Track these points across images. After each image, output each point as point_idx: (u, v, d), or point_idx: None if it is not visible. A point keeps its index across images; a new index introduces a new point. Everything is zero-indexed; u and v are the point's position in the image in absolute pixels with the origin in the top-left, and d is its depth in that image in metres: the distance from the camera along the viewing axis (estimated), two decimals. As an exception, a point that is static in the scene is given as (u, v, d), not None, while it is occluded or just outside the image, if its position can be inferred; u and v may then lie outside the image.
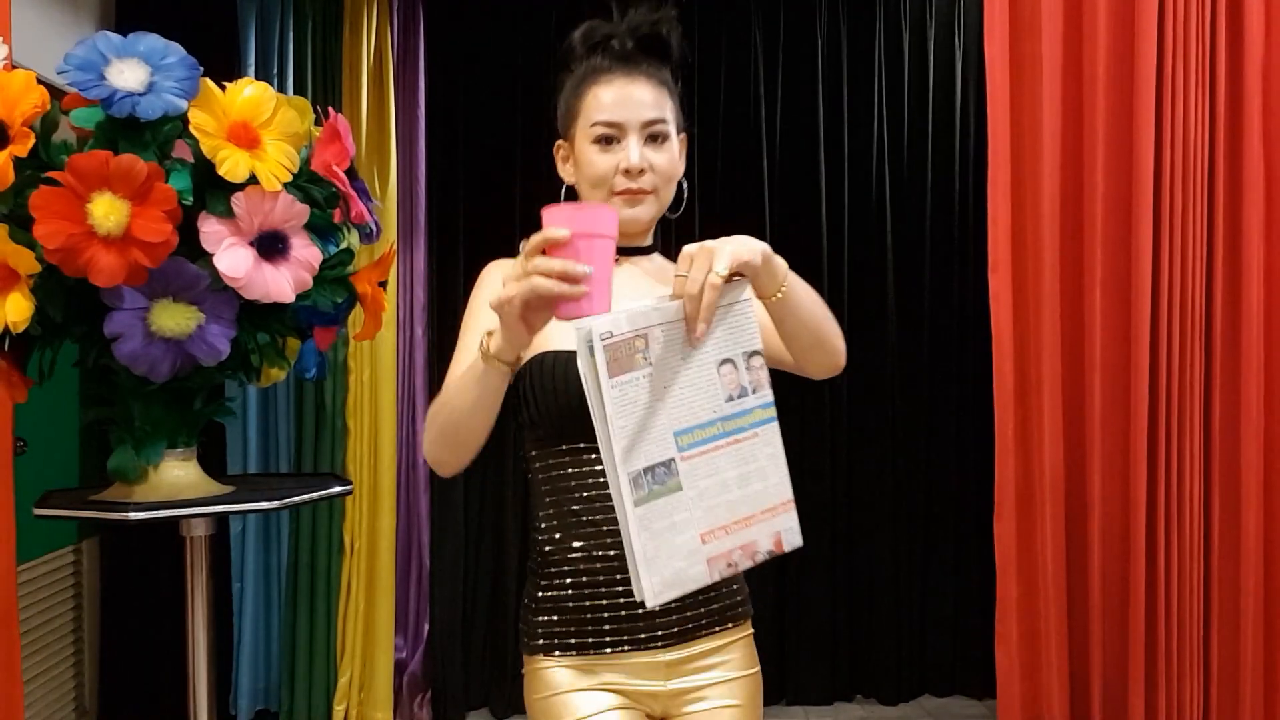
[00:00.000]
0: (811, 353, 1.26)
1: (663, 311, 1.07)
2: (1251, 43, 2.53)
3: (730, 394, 1.10)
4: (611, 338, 1.03)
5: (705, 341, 1.08)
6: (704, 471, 1.08)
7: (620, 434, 1.03)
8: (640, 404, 1.05)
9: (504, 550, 3.49)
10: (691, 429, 1.08)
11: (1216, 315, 2.58)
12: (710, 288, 1.05)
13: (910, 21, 3.57)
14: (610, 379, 1.03)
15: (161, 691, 3.26)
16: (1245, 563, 2.55)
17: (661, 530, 1.05)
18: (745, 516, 1.11)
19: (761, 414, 1.12)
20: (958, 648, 3.58)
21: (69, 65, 1.42)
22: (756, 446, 1.11)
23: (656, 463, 1.05)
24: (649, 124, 1.33)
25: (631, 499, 1.03)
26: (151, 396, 1.55)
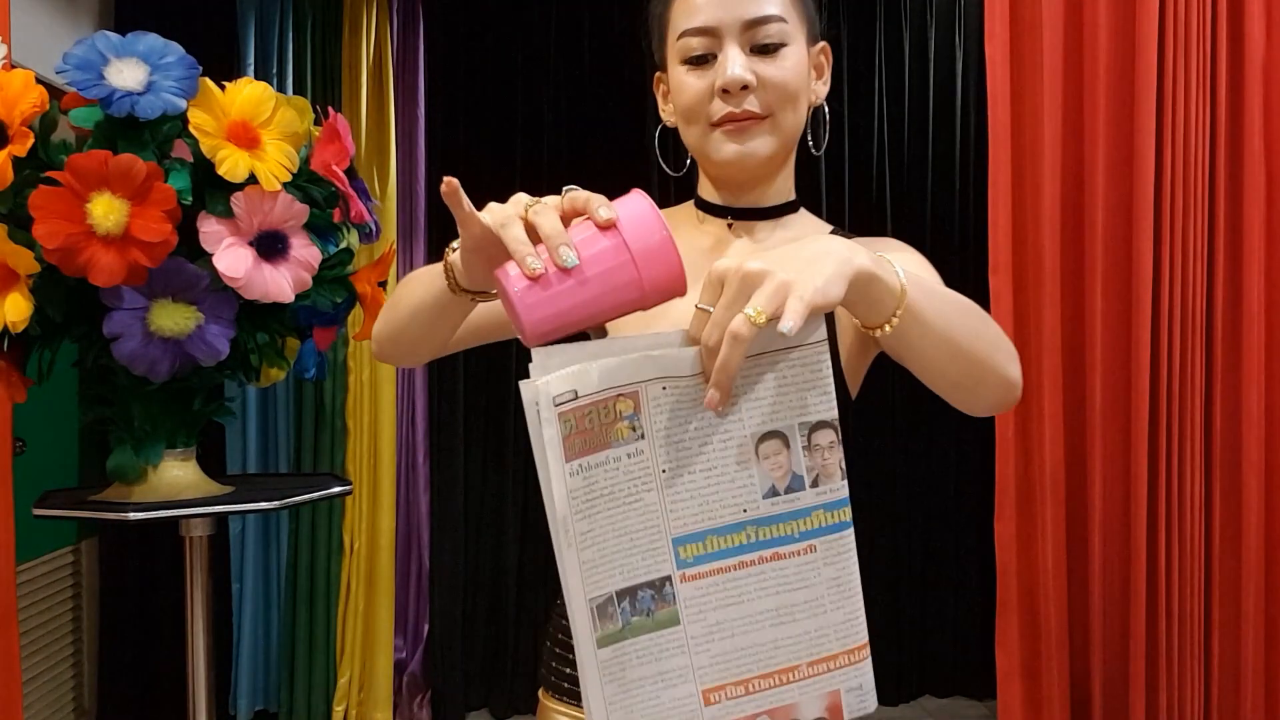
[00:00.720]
0: (959, 391, 0.85)
1: (668, 362, 0.72)
2: (1252, 43, 2.53)
3: (774, 486, 0.73)
4: (574, 400, 0.69)
5: (740, 404, 0.72)
6: (718, 599, 0.73)
7: (582, 541, 0.70)
8: (618, 498, 0.71)
9: (504, 550, 3.49)
10: (703, 535, 0.73)
11: (1217, 315, 2.57)
12: (733, 339, 0.66)
13: (911, 21, 3.57)
14: (567, 462, 0.69)
15: (161, 691, 3.26)
16: (1246, 563, 2.55)
17: (638, 681, 0.72)
18: (782, 668, 0.74)
19: (825, 518, 0.74)
20: (958, 648, 3.58)
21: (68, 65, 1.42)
22: (812, 566, 0.74)
23: (640, 583, 0.72)
24: (754, 24, 0.96)
25: (592, 636, 0.71)
26: (151, 396, 1.55)
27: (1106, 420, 2.58)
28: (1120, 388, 2.58)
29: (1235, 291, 2.57)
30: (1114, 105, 2.57)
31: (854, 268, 0.70)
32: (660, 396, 0.71)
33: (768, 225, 1.06)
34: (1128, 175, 2.56)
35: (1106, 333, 2.58)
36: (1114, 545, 2.59)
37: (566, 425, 0.69)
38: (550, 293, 0.72)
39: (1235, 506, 2.57)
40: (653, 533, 0.72)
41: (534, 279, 0.72)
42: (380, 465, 3.32)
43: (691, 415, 0.72)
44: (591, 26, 3.50)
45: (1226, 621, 2.58)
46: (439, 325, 0.94)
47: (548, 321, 0.73)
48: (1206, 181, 2.56)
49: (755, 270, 0.67)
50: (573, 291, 0.72)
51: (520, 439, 3.43)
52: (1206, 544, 2.60)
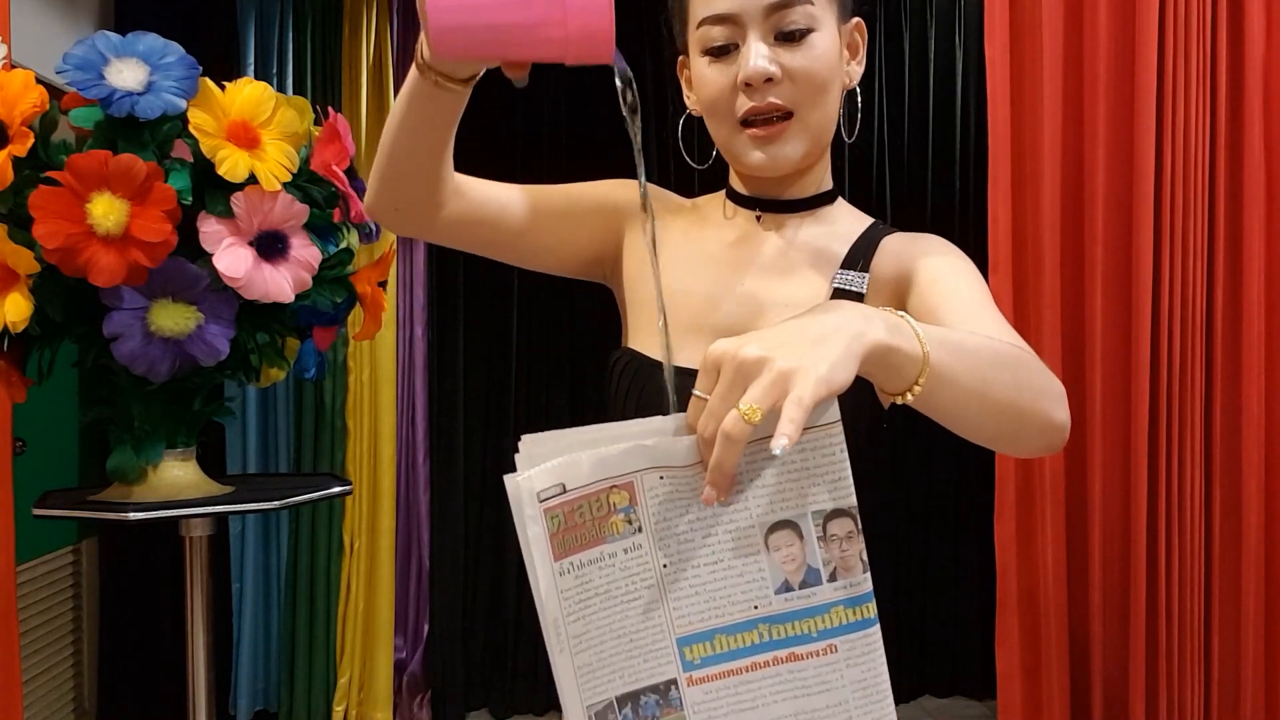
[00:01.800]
0: (999, 442, 0.81)
1: (664, 451, 0.66)
2: (1252, 42, 2.53)
3: (787, 580, 0.66)
4: (561, 495, 0.64)
5: (746, 492, 0.65)
6: (730, 703, 0.67)
7: (577, 645, 0.65)
8: (616, 597, 0.66)
9: (504, 550, 3.49)
10: (710, 634, 0.66)
11: (1217, 315, 2.57)
12: (725, 441, 0.60)
13: (911, 21, 3.57)
14: (556, 561, 0.65)
15: (161, 692, 3.26)
16: (1246, 563, 2.55)
17: None
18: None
19: (846, 615, 0.68)
20: (958, 648, 3.58)
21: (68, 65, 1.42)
22: (833, 668, 0.68)
23: (643, 687, 0.66)
24: (776, 9, 0.88)
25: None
26: (151, 396, 1.55)
27: (1106, 420, 2.58)
28: (1120, 387, 2.58)
29: (1235, 291, 2.57)
30: (1114, 105, 2.57)
31: (866, 345, 0.64)
32: (657, 486, 0.65)
33: (798, 218, 1.00)
34: (1128, 174, 2.56)
35: (1106, 332, 2.58)
36: (1114, 545, 2.59)
37: (555, 521, 0.64)
38: None
39: (1235, 506, 2.57)
40: (655, 633, 0.66)
41: None
42: (380, 465, 3.32)
43: (692, 505, 0.65)
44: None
45: (1226, 621, 2.59)
46: (420, 132, 0.93)
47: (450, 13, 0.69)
48: (1206, 181, 2.56)
49: (752, 358, 0.61)
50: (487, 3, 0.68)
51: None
52: (1206, 543, 2.60)
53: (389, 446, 3.32)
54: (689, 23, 0.94)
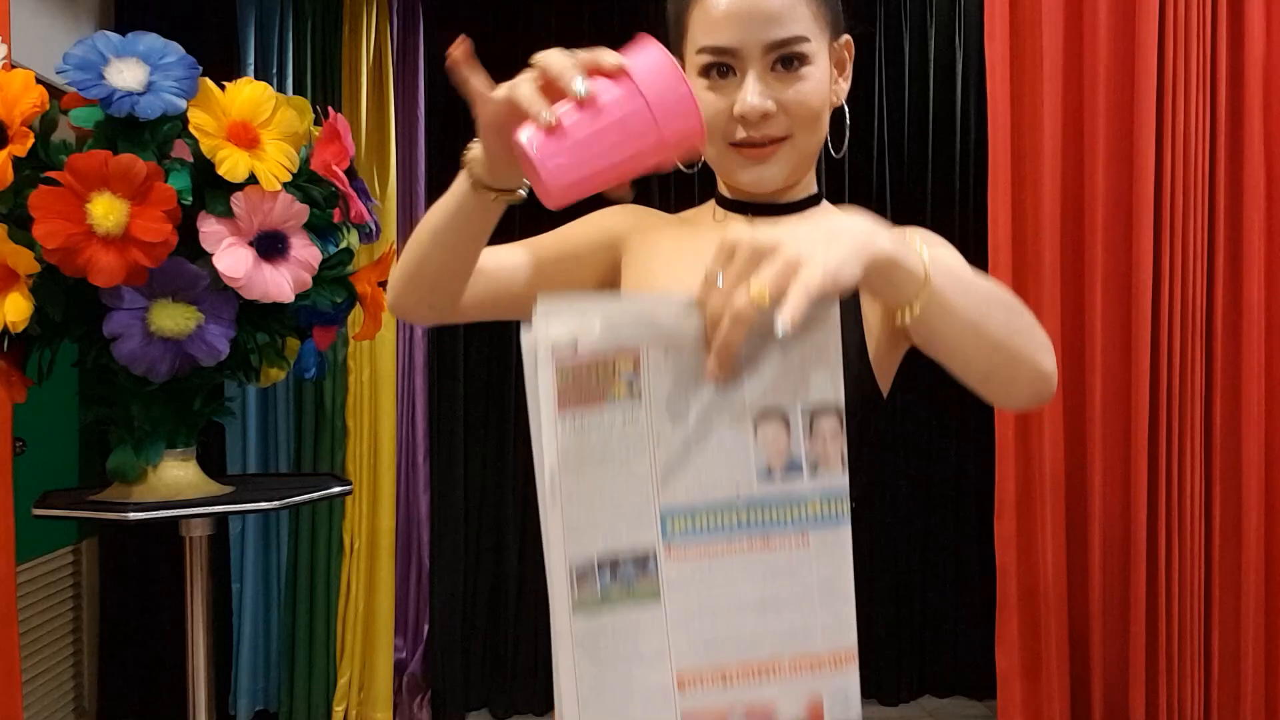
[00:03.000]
0: (989, 384, 0.81)
1: (673, 326, 0.69)
2: (1252, 42, 2.53)
3: (770, 466, 0.70)
4: (574, 353, 0.68)
5: (742, 379, 0.69)
6: (703, 580, 0.70)
7: (568, 498, 0.68)
8: (610, 458, 0.69)
9: (504, 550, 3.49)
10: (694, 510, 0.70)
11: (1217, 315, 2.57)
12: (734, 320, 0.64)
13: (910, 21, 3.57)
14: (561, 412, 0.68)
15: (161, 692, 3.26)
16: (1246, 563, 2.55)
17: (613, 659, 0.69)
18: (763, 662, 0.71)
19: (820, 508, 0.71)
20: (958, 648, 3.58)
21: (68, 65, 1.42)
22: (803, 559, 0.71)
23: (623, 552, 0.69)
24: (775, 46, 0.91)
25: (569, 601, 0.69)
26: (151, 396, 1.55)
27: (1106, 420, 2.58)
28: (1120, 387, 2.58)
29: (1235, 291, 2.57)
30: (1114, 105, 2.57)
31: (873, 251, 0.67)
32: (661, 361, 0.69)
33: (790, 220, 1.01)
34: (1127, 175, 2.56)
35: (1106, 332, 2.58)
36: (1114, 545, 2.59)
37: (563, 376, 0.68)
38: (567, 142, 0.72)
39: (1235, 506, 2.57)
40: (641, 500, 0.69)
41: (550, 130, 0.72)
42: (380, 465, 3.31)
43: (692, 384, 0.69)
44: (591, 26, 3.50)
45: (1226, 621, 2.59)
46: (461, 244, 0.94)
47: (566, 171, 0.72)
48: (1206, 181, 2.56)
49: (766, 243, 0.64)
50: (590, 140, 0.72)
51: (521, 439, 3.42)
52: (1206, 543, 2.60)
53: (389, 446, 3.32)
54: (687, 43, 0.96)
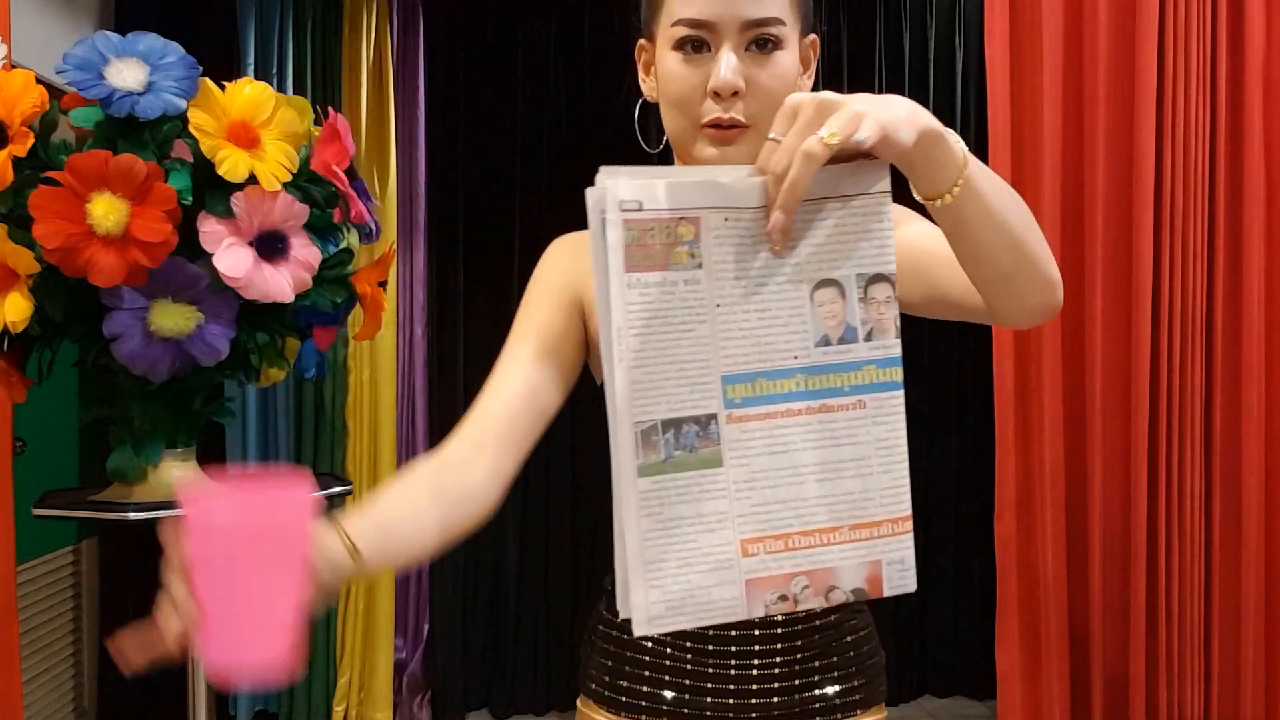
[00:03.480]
0: (1009, 286, 0.81)
1: (733, 191, 0.70)
2: (1252, 42, 2.53)
3: (827, 334, 0.72)
4: (638, 211, 0.69)
5: (799, 246, 0.71)
6: (764, 444, 0.71)
7: (633, 360, 0.69)
8: (672, 323, 0.70)
9: (504, 550, 3.49)
10: (753, 376, 0.71)
11: (1217, 315, 2.57)
12: (805, 157, 0.66)
13: (911, 20, 3.57)
14: (628, 274, 0.69)
15: (161, 692, 3.26)
16: (1246, 563, 2.55)
17: (676, 520, 0.70)
18: (824, 528, 0.72)
19: (877, 374, 0.73)
20: (958, 648, 3.58)
21: (68, 65, 1.42)
22: (861, 423, 0.73)
23: (686, 416, 0.70)
24: (752, 25, 0.92)
25: (634, 461, 0.69)
26: (151, 396, 1.55)
27: (1106, 420, 2.58)
28: (1120, 387, 2.58)
29: (1235, 291, 2.57)
30: (1114, 105, 2.57)
31: (924, 122, 0.71)
32: (721, 228, 0.70)
33: None
34: (1127, 174, 2.56)
35: (1106, 332, 2.58)
36: (1114, 545, 2.59)
37: (630, 233, 0.69)
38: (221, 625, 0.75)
39: (1235, 506, 2.57)
40: (703, 366, 0.70)
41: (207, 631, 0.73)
42: (380, 465, 3.31)
43: (751, 252, 0.71)
44: (591, 26, 3.50)
45: (1226, 621, 2.58)
46: None
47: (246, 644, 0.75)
48: (1206, 181, 2.56)
49: (831, 99, 0.69)
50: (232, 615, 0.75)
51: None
52: (1206, 543, 2.60)
53: (389, 446, 3.32)
54: (662, 15, 0.96)
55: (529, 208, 3.48)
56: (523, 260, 3.48)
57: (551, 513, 3.45)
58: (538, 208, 3.47)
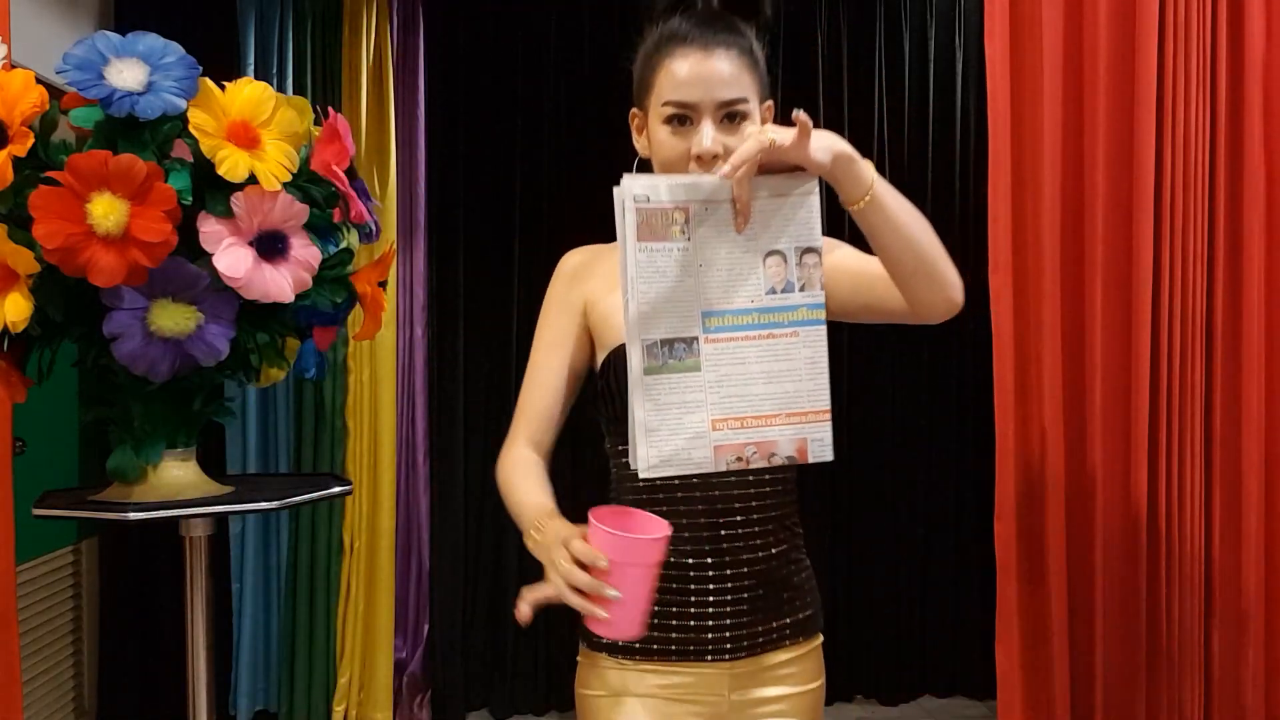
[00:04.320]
0: (916, 281, 1.13)
1: (710, 188, 1.06)
2: (1252, 42, 2.53)
3: (774, 286, 1.07)
4: (647, 203, 1.04)
5: (755, 227, 1.07)
6: (729, 358, 1.06)
7: (641, 299, 1.05)
8: (669, 275, 1.05)
9: (504, 550, 3.49)
10: (723, 313, 1.07)
11: (1218, 316, 2.57)
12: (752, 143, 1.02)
13: (911, 20, 3.57)
14: (639, 242, 1.04)
15: (160, 692, 3.26)
16: (1247, 564, 2.55)
17: (668, 404, 1.05)
18: (767, 415, 1.07)
19: (807, 314, 1.08)
20: (958, 648, 3.58)
21: (68, 64, 1.41)
22: (794, 346, 1.08)
23: (677, 337, 1.06)
24: (726, 104, 1.20)
25: (641, 365, 1.05)
26: (151, 396, 1.55)
27: (1106, 419, 2.58)
28: (1120, 387, 2.58)
29: (1235, 291, 2.57)
30: (1114, 104, 2.56)
31: (840, 148, 1.08)
32: (703, 214, 1.06)
33: None
34: (1128, 174, 2.56)
35: (1106, 332, 2.57)
36: (1114, 543, 2.59)
37: (640, 215, 1.04)
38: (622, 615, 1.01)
39: (1235, 506, 2.57)
40: (689, 304, 1.06)
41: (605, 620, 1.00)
42: (380, 465, 3.31)
43: (723, 230, 1.07)
44: (591, 26, 3.50)
45: (1227, 620, 2.58)
46: None
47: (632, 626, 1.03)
48: (1207, 180, 2.56)
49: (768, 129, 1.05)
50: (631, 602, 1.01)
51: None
52: (1207, 543, 2.59)
53: (389, 446, 3.32)
54: (653, 94, 1.24)
55: (529, 207, 3.48)
56: (523, 260, 3.48)
57: (551, 513, 3.45)
58: (538, 207, 3.47)
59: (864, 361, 3.54)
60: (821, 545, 3.51)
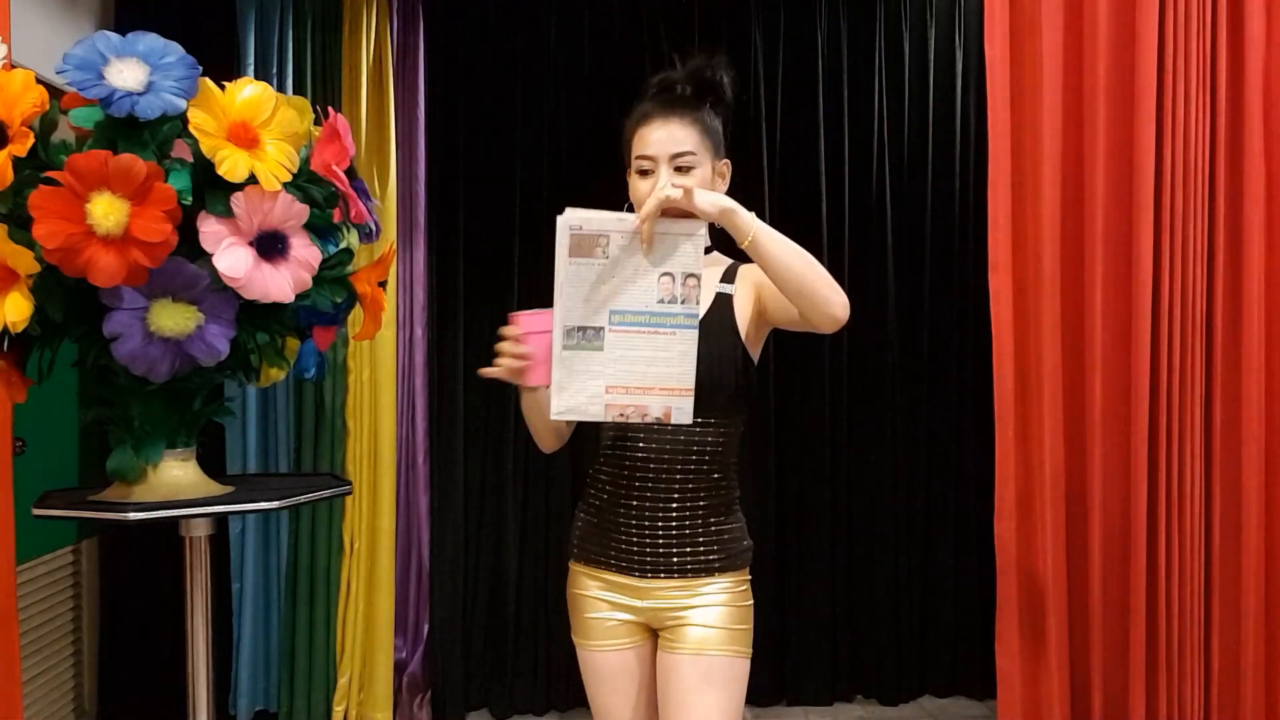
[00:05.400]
0: (801, 300, 1.50)
1: (625, 223, 1.45)
2: (1252, 42, 2.53)
3: (663, 298, 1.47)
4: (579, 230, 1.43)
5: (655, 255, 1.46)
6: (624, 345, 1.47)
7: (568, 297, 1.45)
8: (588, 282, 1.45)
9: (504, 550, 3.49)
10: (624, 312, 1.46)
11: (1217, 315, 2.57)
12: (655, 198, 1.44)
13: (911, 21, 3.57)
14: (570, 258, 1.44)
15: (160, 692, 3.26)
16: (1246, 563, 2.55)
17: (577, 372, 1.47)
18: (646, 387, 1.48)
19: (684, 320, 1.47)
20: (958, 648, 3.58)
21: (68, 64, 1.41)
22: (672, 342, 1.47)
23: (590, 325, 1.46)
24: (677, 156, 1.64)
25: (561, 344, 1.46)
26: (151, 396, 1.55)
27: (1107, 419, 2.58)
28: (1120, 386, 2.58)
29: (1235, 291, 2.57)
30: (1114, 105, 2.57)
31: (725, 205, 1.48)
32: (619, 240, 1.45)
33: None
34: (1128, 175, 2.56)
35: (1106, 332, 2.57)
36: (1114, 544, 2.59)
37: (572, 239, 1.44)
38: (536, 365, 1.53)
39: (1235, 505, 2.57)
40: (600, 304, 1.46)
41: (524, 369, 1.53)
42: (380, 465, 3.31)
43: (632, 253, 1.46)
44: (591, 26, 3.50)
45: (1227, 621, 2.58)
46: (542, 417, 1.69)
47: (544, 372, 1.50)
48: (1207, 181, 2.56)
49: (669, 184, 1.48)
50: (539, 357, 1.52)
51: (520, 439, 3.42)
52: (1206, 543, 2.60)
53: (389, 446, 3.32)
54: (630, 154, 1.71)
55: (528, 207, 3.48)
56: (522, 260, 3.48)
57: (551, 514, 3.45)
58: (537, 207, 3.47)
59: (865, 362, 3.54)
60: (821, 546, 3.51)
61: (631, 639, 1.71)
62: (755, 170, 3.50)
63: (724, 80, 1.72)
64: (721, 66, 1.72)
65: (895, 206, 3.59)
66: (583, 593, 1.74)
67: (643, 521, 1.67)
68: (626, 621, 1.70)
